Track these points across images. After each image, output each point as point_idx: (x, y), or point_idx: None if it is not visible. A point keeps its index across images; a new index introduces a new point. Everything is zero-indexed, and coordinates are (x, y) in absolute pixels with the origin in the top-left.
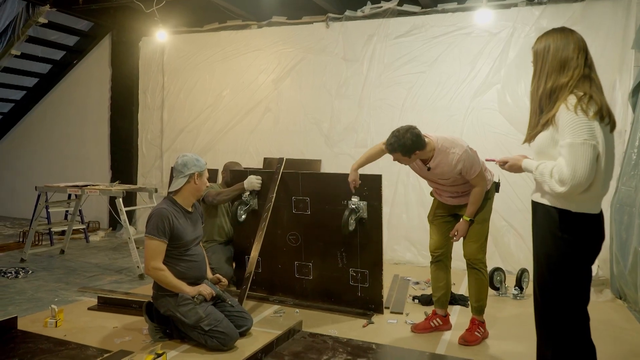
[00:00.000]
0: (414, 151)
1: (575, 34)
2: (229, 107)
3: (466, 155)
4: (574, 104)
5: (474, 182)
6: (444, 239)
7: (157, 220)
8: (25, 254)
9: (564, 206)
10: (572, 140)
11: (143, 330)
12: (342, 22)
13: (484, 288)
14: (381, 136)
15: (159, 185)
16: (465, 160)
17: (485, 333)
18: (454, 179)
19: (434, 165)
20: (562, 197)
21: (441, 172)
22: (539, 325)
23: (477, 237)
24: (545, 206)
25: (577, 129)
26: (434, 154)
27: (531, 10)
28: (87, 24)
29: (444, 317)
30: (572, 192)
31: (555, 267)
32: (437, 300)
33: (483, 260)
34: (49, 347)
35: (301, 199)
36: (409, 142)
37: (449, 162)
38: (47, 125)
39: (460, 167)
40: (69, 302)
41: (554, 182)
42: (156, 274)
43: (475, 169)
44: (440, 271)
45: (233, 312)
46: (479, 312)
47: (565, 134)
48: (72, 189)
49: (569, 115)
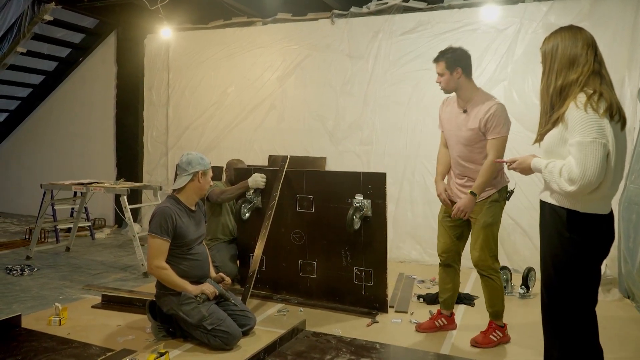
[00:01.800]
0: (459, 66)
1: (584, 32)
2: (233, 104)
3: (502, 110)
4: (584, 102)
5: (489, 146)
6: (452, 243)
7: (160, 218)
8: (31, 251)
9: (571, 206)
10: (582, 138)
11: (146, 329)
12: (348, 19)
13: (497, 293)
14: (387, 133)
15: (164, 183)
16: (499, 113)
17: (505, 337)
18: (474, 137)
19: (471, 108)
20: (571, 196)
21: (471, 119)
22: (546, 326)
23: (483, 243)
24: (552, 206)
25: (586, 127)
26: (476, 96)
27: (538, 6)
28: (93, 22)
29: (448, 316)
30: (581, 191)
31: (562, 267)
32: (443, 301)
33: (493, 266)
34: (52, 345)
35: (305, 197)
36: (459, 51)
37: (485, 107)
38: (53, 123)
39: (491, 115)
40: (73, 300)
41: (564, 181)
42: (159, 272)
43: (501, 130)
44: (448, 274)
45: (236, 311)
46: (495, 316)
47: (575, 132)
48: (77, 187)
49: (578, 113)
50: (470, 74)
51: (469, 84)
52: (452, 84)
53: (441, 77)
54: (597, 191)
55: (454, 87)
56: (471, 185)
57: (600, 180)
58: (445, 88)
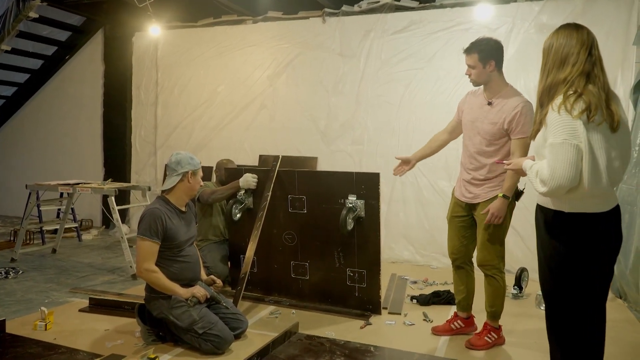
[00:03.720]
0: (492, 58)
1: (582, 30)
2: (223, 103)
3: (530, 108)
4: (558, 104)
5: (514, 147)
6: (461, 243)
7: (150, 220)
8: (16, 253)
9: (557, 207)
10: (553, 140)
11: (135, 333)
12: (339, 17)
13: (498, 294)
14: (379, 133)
15: (153, 183)
16: (526, 111)
17: (500, 339)
18: (495, 132)
19: (498, 102)
20: (554, 197)
21: (496, 114)
22: (549, 327)
23: (489, 242)
24: (541, 207)
25: (558, 129)
26: (505, 91)
27: (531, 5)
28: (79, 19)
29: (466, 319)
30: (553, 192)
31: (556, 268)
32: (458, 303)
33: (497, 265)
34: (38, 351)
35: (297, 197)
36: (493, 42)
37: (513, 104)
38: (39, 122)
39: (518, 114)
40: (59, 304)
41: (537, 182)
42: (148, 275)
43: (525, 129)
44: (460, 276)
45: (228, 314)
46: (493, 317)
47: (549, 134)
48: (64, 187)
49: (552, 115)
50: (501, 67)
51: (500, 77)
52: (483, 77)
53: (472, 69)
54: (578, 190)
55: (486, 80)
56: (477, 181)
57: (574, 180)
58: (477, 81)
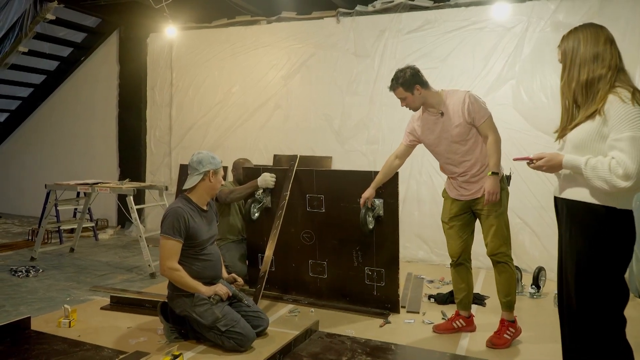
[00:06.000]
0: (415, 85)
1: (605, 29)
2: (238, 103)
3: (473, 95)
4: (630, 97)
5: (484, 130)
6: (462, 241)
7: (173, 219)
8: (36, 252)
9: (606, 203)
10: (633, 133)
11: (158, 331)
12: (353, 17)
13: (512, 281)
14: (393, 133)
15: (168, 183)
16: (473, 99)
17: (517, 332)
18: (463, 131)
19: (446, 108)
20: (616, 193)
21: (452, 117)
22: (566, 326)
23: (497, 231)
24: (586, 204)
25: (637, 122)
26: (444, 97)
27: (547, 4)
28: (95, 21)
29: (467, 318)
30: (635, 187)
31: (601, 268)
32: (459, 301)
33: (507, 253)
34: (64, 348)
35: (315, 196)
36: (408, 73)
37: (459, 101)
38: (55, 123)
39: (468, 105)
40: (81, 302)
41: (616, 177)
42: (172, 274)
43: (484, 112)
44: (460, 273)
45: (249, 312)
46: (508, 307)
47: (623, 127)
48: (83, 187)
49: (625, 108)
50: (427, 85)
51: (431, 92)
52: (418, 101)
53: (404, 101)
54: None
55: (422, 101)
56: (475, 178)
57: None
58: (415, 106)
